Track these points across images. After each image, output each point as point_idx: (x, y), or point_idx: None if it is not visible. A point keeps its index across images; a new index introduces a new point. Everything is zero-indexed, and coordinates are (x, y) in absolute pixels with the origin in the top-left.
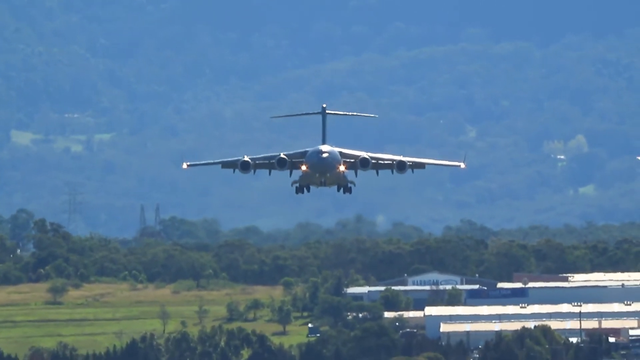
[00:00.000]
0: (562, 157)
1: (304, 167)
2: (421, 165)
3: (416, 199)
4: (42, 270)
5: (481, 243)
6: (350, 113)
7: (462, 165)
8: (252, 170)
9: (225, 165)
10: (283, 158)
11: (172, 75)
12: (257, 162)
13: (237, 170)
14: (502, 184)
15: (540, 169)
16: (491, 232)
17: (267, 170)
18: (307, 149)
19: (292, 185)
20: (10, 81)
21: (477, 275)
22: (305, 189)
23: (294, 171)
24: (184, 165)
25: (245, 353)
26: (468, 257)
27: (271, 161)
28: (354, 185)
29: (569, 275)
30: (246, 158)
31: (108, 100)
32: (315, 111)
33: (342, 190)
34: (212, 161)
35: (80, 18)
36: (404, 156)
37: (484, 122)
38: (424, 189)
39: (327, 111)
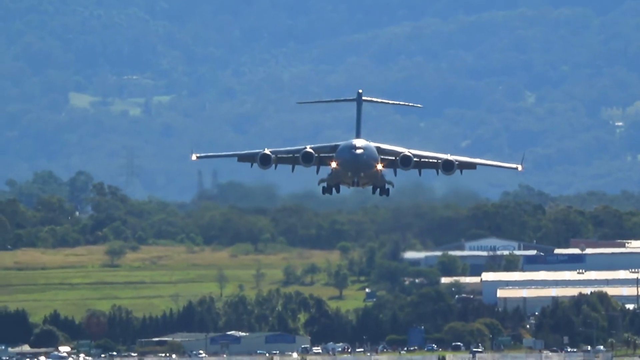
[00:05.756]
0: (620, 123)
1: (334, 164)
2: (472, 166)
3: None
4: (99, 233)
5: (539, 208)
6: (389, 101)
7: (520, 167)
8: (274, 165)
9: (242, 158)
10: (309, 152)
11: (230, 38)
12: (279, 155)
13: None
14: (560, 149)
15: (599, 135)
16: (549, 198)
17: (291, 166)
18: (338, 143)
19: (318, 184)
20: (69, 44)
21: (534, 241)
22: (334, 188)
23: (322, 168)
24: (193, 157)
25: (302, 317)
26: (525, 222)
27: (295, 155)
28: (392, 186)
29: (627, 241)
30: (267, 151)
31: (167, 63)
32: (350, 98)
33: (377, 191)
34: (226, 153)
35: None
36: (451, 155)
37: (543, 87)
38: (481, 153)
39: (363, 98)
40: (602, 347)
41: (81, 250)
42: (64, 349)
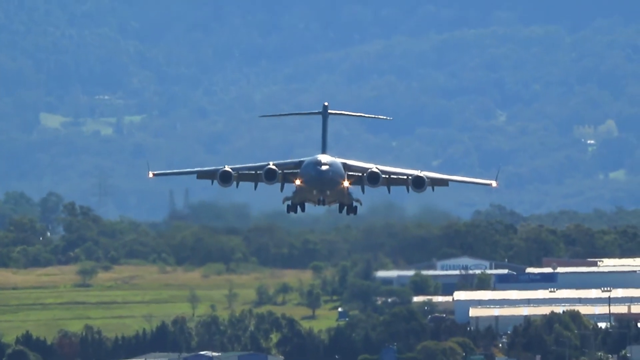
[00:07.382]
0: (592, 141)
1: (298, 181)
2: (444, 183)
3: None
4: (71, 253)
5: (510, 228)
6: (356, 114)
7: (494, 184)
8: (235, 183)
9: (202, 175)
10: (272, 169)
11: (201, 57)
12: (241, 172)
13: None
14: (532, 168)
15: (570, 154)
16: (521, 217)
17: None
18: (302, 159)
19: (283, 202)
20: (40, 63)
21: (506, 260)
22: (299, 207)
23: (287, 185)
24: (150, 175)
25: (275, 337)
26: (497, 241)
27: (258, 172)
28: (360, 204)
29: (599, 260)
30: (227, 168)
31: (138, 82)
32: (315, 111)
33: (345, 210)
34: (184, 170)
35: (111, 0)
36: (422, 170)
37: (514, 106)
38: (452, 172)
39: (329, 111)
40: None
41: (53, 271)
42: None
